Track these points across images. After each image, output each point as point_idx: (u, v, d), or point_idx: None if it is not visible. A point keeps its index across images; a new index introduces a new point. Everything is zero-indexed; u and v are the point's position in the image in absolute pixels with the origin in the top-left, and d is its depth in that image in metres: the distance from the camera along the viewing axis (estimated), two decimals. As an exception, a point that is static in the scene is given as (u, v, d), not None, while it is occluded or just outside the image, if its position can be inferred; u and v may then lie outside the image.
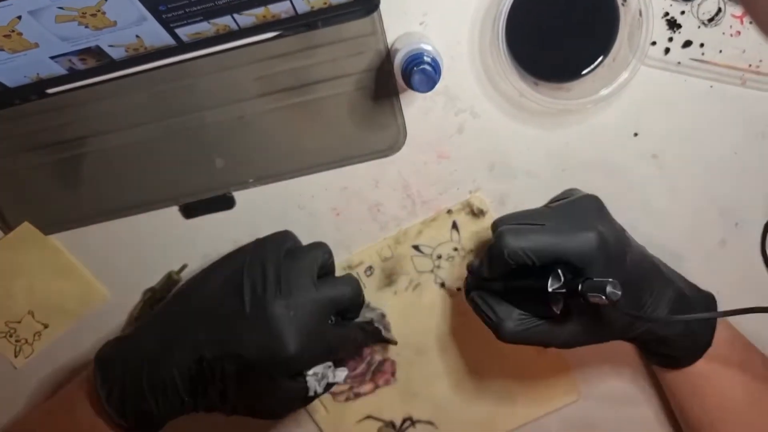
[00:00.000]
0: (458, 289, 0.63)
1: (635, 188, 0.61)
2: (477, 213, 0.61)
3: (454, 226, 0.62)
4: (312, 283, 0.52)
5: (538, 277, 0.50)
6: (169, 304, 0.56)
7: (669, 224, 0.62)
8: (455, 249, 0.62)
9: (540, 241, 0.49)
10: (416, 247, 0.62)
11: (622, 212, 0.59)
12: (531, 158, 0.60)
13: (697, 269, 0.63)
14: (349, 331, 0.56)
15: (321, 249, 0.55)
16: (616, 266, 0.50)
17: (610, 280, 0.46)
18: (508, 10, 0.52)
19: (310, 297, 0.52)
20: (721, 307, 0.58)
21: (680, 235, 0.62)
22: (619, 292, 0.45)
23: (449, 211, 0.61)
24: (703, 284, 0.63)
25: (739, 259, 0.63)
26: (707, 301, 0.57)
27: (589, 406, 0.67)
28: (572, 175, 0.61)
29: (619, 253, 0.51)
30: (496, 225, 0.54)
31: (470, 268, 0.57)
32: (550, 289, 0.48)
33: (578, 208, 0.54)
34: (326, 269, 0.56)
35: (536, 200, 0.61)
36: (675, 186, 0.61)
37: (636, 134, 0.60)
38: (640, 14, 0.54)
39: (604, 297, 0.45)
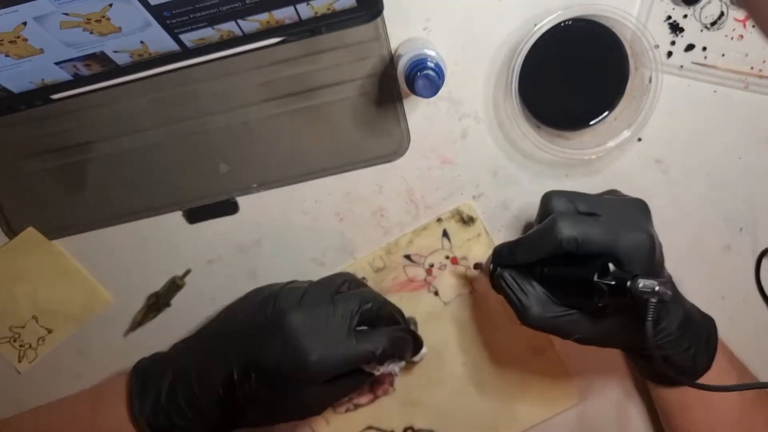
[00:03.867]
0: (475, 266, 0.61)
1: (639, 193, 0.61)
2: (467, 220, 0.61)
3: (445, 234, 0.61)
4: (330, 297, 0.53)
5: (579, 267, 0.48)
6: (206, 327, 0.59)
7: (673, 229, 0.62)
8: (447, 257, 0.62)
9: (595, 234, 0.48)
10: (408, 257, 0.62)
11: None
12: (534, 163, 0.60)
13: (701, 274, 0.63)
14: (376, 337, 0.54)
15: (344, 276, 0.57)
16: (656, 273, 0.50)
17: (662, 279, 0.44)
18: (524, 56, 0.53)
19: (325, 308, 0.52)
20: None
21: (685, 240, 0.62)
22: (670, 293, 0.44)
23: (439, 220, 0.61)
24: (708, 289, 0.63)
25: (744, 264, 0.63)
26: (708, 324, 0.57)
27: (589, 410, 0.66)
28: (576, 180, 0.61)
29: (661, 260, 0.51)
30: (548, 198, 0.52)
31: (497, 251, 0.54)
32: (596, 279, 0.46)
33: (629, 208, 0.53)
34: (368, 313, 0.54)
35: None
36: (679, 191, 0.61)
37: (640, 139, 0.60)
38: (650, 81, 0.55)
39: (656, 295, 0.44)
